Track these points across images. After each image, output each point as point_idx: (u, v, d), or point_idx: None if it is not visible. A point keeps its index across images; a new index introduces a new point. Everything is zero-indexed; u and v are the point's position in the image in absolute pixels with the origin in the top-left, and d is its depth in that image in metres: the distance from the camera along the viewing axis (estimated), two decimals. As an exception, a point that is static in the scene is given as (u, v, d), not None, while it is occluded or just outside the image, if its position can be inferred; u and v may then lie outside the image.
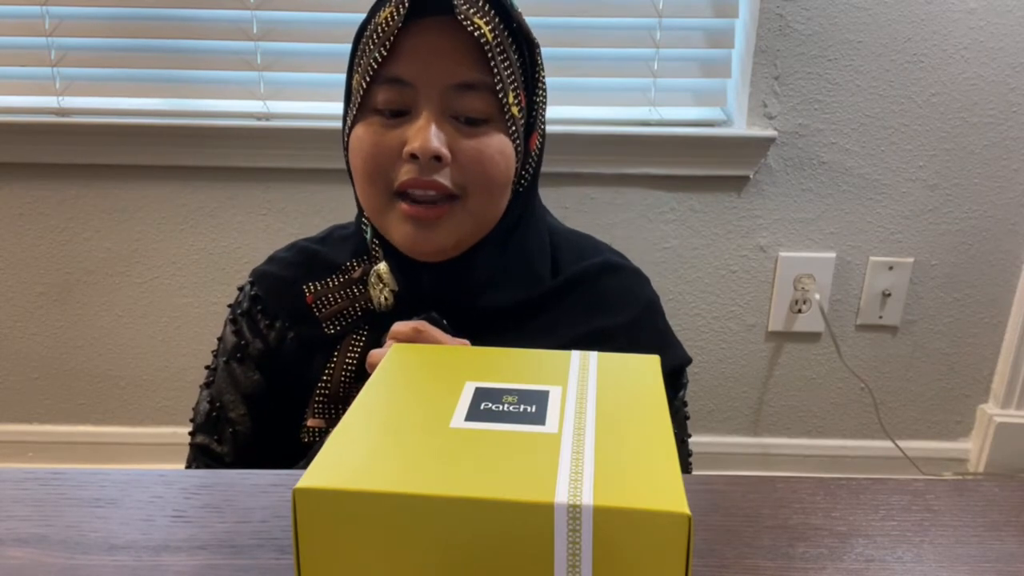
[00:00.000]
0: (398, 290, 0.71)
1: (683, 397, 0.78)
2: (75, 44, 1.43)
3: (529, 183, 0.74)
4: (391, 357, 0.41)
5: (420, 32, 0.66)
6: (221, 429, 0.75)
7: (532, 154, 0.73)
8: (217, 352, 0.78)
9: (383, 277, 0.71)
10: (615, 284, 0.77)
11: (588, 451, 0.32)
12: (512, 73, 0.68)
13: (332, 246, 0.78)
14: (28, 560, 0.46)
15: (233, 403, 0.75)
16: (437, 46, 0.66)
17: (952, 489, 0.54)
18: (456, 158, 0.67)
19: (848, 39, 1.39)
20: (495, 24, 0.67)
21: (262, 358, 0.75)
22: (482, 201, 0.69)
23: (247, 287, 0.78)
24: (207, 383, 0.77)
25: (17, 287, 1.56)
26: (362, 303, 0.73)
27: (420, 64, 0.66)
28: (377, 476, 0.30)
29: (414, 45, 0.66)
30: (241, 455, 0.75)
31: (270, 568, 0.46)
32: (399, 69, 0.67)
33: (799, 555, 0.47)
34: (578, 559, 0.29)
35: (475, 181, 0.68)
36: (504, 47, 0.68)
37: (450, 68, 0.66)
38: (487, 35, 0.66)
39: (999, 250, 1.51)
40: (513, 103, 0.68)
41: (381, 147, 0.67)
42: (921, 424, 1.63)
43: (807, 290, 1.53)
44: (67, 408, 1.63)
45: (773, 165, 1.46)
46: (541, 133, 0.75)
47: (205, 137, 1.43)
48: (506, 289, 0.72)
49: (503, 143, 0.68)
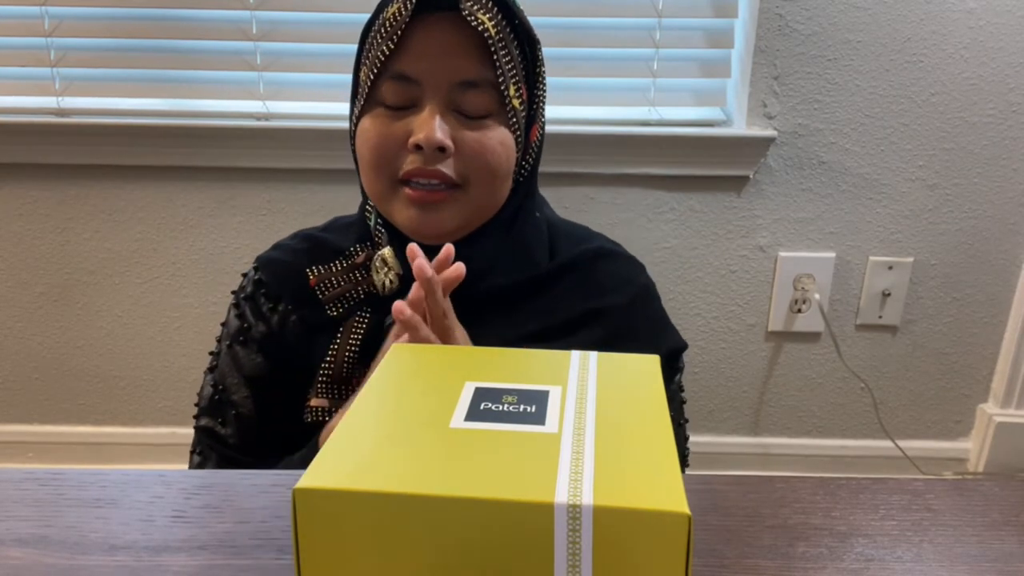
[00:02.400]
0: (403, 273, 0.73)
1: (679, 381, 0.80)
2: (74, 44, 1.43)
3: (529, 173, 0.76)
4: (391, 357, 0.41)
5: (426, 28, 0.68)
6: (224, 412, 0.76)
7: (533, 145, 0.76)
8: (221, 337, 0.79)
9: (388, 260, 0.73)
10: (610, 268, 0.79)
11: (588, 451, 0.32)
12: (514, 67, 0.71)
13: (335, 233, 0.81)
14: (28, 560, 0.46)
15: (236, 386, 0.76)
16: (442, 42, 0.68)
17: (952, 489, 0.54)
18: (459, 149, 0.69)
19: (848, 39, 1.39)
20: (498, 20, 0.69)
21: (265, 341, 0.76)
22: (484, 190, 0.71)
23: (251, 272, 0.80)
24: (211, 367, 0.79)
25: (17, 287, 1.56)
26: (365, 287, 0.75)
27: (426, 61, 0.68)
28: (377, 476, 0.30)
29: (420, 41, 0.68)
30: (245, 437, 0.76)
31: (270, 568, 0.46)
32: (405, 65, 0.69)
33: (799, 555, 0.47)
34: (578, 559, 0.29)
35: (477, 171, 0.70)
36: (506, 42, 0.70)
37: (455, 65, 0.68)
38: (490, 30, 0.68)
39: (999, 250, 1.51)
40: (515, 96, 0.71)
41: (387, 138, 0.70)
42: (921, 424, 1.63)
43: (807, 290, 1.53)
44: (67, 408, 1.63)
45: (773, 165, 1.46)
46: (541, 125, 0.77)
47: (205, 137, 1.43)
48: (505, 273, 0.75)
49: (504, 135, 0.71)
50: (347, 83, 0.78)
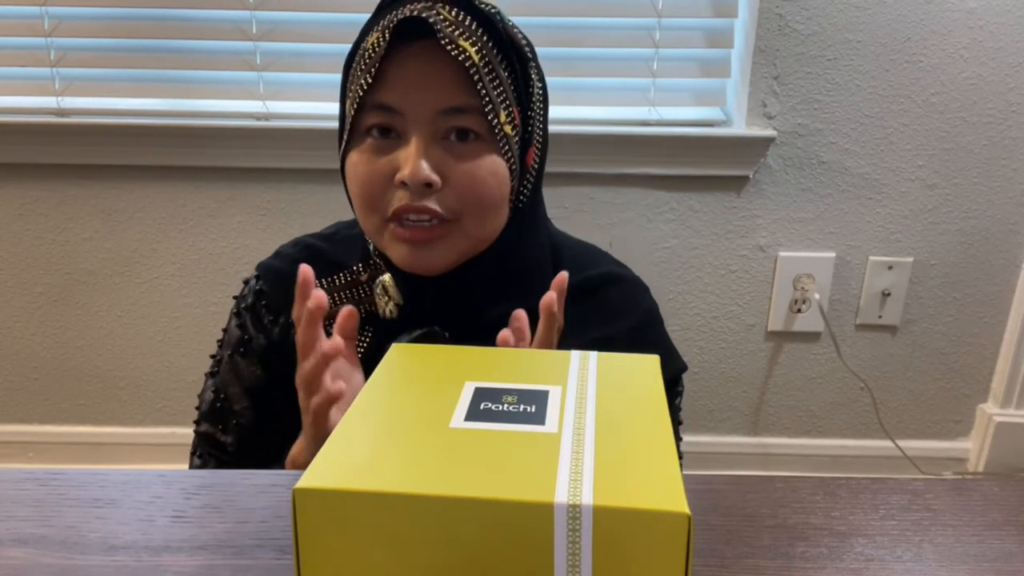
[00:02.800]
0: (402, 304, 0.72)
1: (678, 404, 0.80)
2: (74, 44, 1.43)
3: (529, 197, 0.74)
4: (391, 357, 0.41)
5: (406, 58, 0.66)
6: (225, 420, 0.76)
7: (530, 169, 0.73)
8: (222, 343, 0.79)
9: (388, 289, 0.72)
10: (616, 294, 0.78)
11: (588, 451, 0.32)
12: (503, 92, 0.68)
13: (338, 245, 0.79)
14: (27, 561, 0.46)
15: (237, 396, 0.76)
16: (423, 72, 0.66)
17: (952, 488, 0.54)
18: (448, 181, 0.67)
19: (847, 39, 1.39)
20: (482, 44, 0.66)
21: (265, 353, 0.76)
22: (476, 222, 0.69)
23: (252, 281, 0.79)
24: (212, 372, 0.78)
25: (17, 287, 1.56)
26: (366, 306, 0.74)
27: (407, 91, 0.66)
28: (377, 476, 0.30)
29: (400, 71, 0.66)
30: (244, 446, 0.76)
31: (270, 568, 0.46)
32: (386, 96, 0.66)
33: (799, 555, 0.47)
34: (578, 559, 0.29)
35: (468, 204, 0.68)
36: (493, 66, 0.67)
37: (437, 93, 0.66)
38: (473, 57, 0.65)
39: (998, 249, 1.51)
40: (505, 122, 0.68)
41: (374, 174, 0.67)
42: (920, 424, 1.63)
43: (806, 290, 1.53)
44: (67, 408, 1.63)
45: (772, 165, 1.46)
46: (539, 146, 0.74)
47: (205, 137, 1.42)
48: (507, 300, 0.72)
49: (495, 164, 0.68)
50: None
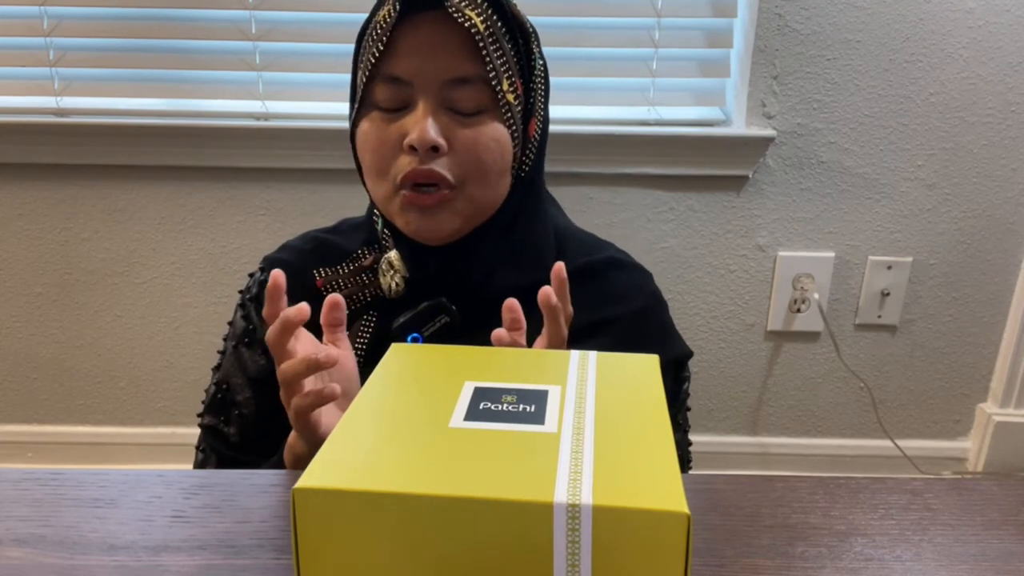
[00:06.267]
0: (408, 276, 0.74)
1: (687, 390, 0.81)
2: (73, 44, 1.43)
3: (531, 169, 0.76)
4: (390, 357, 0.41)
5: (415, 28, 0.69)
6: (228, 411, 0.77)
7: (532, 140, 0.76)
8: (227, 336, 0.80)
9: (394, 264, 0.74)
10: (620, 278, 0.80)
11: (587, 451, 0.32)
12: (506, 62, 0.71)
13: (343, 234, 0.82)
14: (27, 560, 0.46)
15: (240, 386, 0.77)
16: (430, 41, 0.69)
17: (951, 488, 0.54)
18: (453, 147, 0.70)
19: (847, 39, 1.39)
20: (487, 15, 0.70)
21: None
22: (479, 188, 0.72)
23: (257, 273, 0.80)
24: (217, 366, 0.79)
25: (17, 287, 1.56)
26: (371, 290, 0.76)
27: (415, 61, 0.69)
28: (376, 476, 0.30)
29: (409, 41, 0.69)
30: (247, 437, 0.77)
31: (270, 568, 0.46)
32: (396, 66, 0.70)
33: (798, 554, 0.47)
34: (577, 558, 0.29)
35: (471, 169, 0.70)
36: (497, 36, 0.70)
37: (444, 63, 0.69)
38: (478, 26, 0.68)
39: (998, 249, 1.51)
40: (508, 90, 0.71)
41: (384, 141, 0.71)
42: (920, 423, 1.63)
43: (806, 289, 1.53)
44: (67, 408, 1.63)
45: (772, 165, 1.46)
46: (541, 120, 0.77)
47: (204, 137, 1.42)
48: (511, 275, 0.75)
49: (498, 131, 0.71)
50: (346, 83, 0.79)
